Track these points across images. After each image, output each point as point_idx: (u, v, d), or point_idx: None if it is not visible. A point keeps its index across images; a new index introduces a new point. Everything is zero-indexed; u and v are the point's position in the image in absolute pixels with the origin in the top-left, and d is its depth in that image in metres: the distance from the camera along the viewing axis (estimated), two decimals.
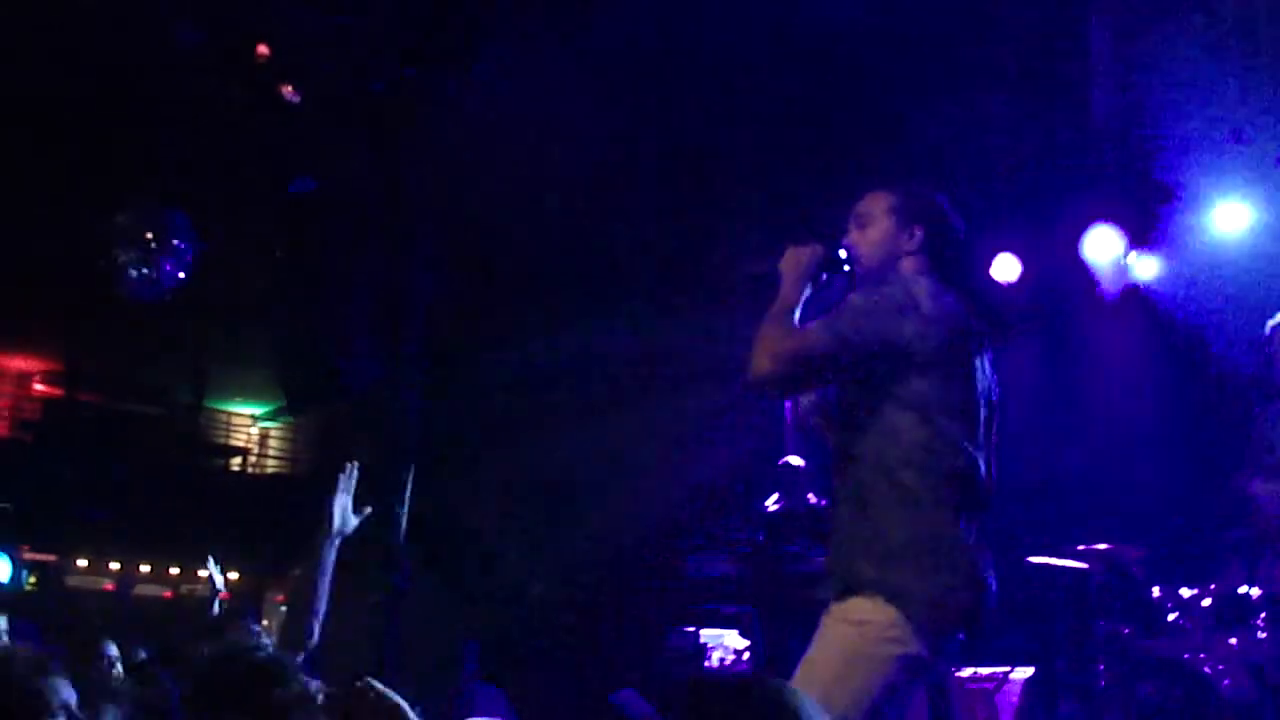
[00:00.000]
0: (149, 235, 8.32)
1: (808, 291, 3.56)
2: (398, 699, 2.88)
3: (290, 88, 7.71)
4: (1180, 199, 8.59)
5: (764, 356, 3.40)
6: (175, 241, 8.37)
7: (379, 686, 2.89)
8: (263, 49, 7.64)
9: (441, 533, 9.59)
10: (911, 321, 3.39)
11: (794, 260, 3.60)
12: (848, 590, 3.39)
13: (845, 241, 3.71)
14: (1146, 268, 9.10)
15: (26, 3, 7.79)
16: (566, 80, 8.29)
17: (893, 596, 3.28)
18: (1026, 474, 8.43)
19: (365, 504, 4.41)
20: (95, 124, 9.03)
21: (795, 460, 8.35)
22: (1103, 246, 9.20)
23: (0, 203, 11.19)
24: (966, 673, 7.63)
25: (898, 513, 3.35)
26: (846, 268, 3.68)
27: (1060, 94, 8.50)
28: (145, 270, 8.31)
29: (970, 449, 3.42)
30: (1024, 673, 7.58)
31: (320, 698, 3.04)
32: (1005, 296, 9.57)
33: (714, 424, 9.74)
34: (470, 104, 8.28)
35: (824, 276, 3.63)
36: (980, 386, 3.53)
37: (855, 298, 3.47)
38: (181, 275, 8.52)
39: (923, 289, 3.48)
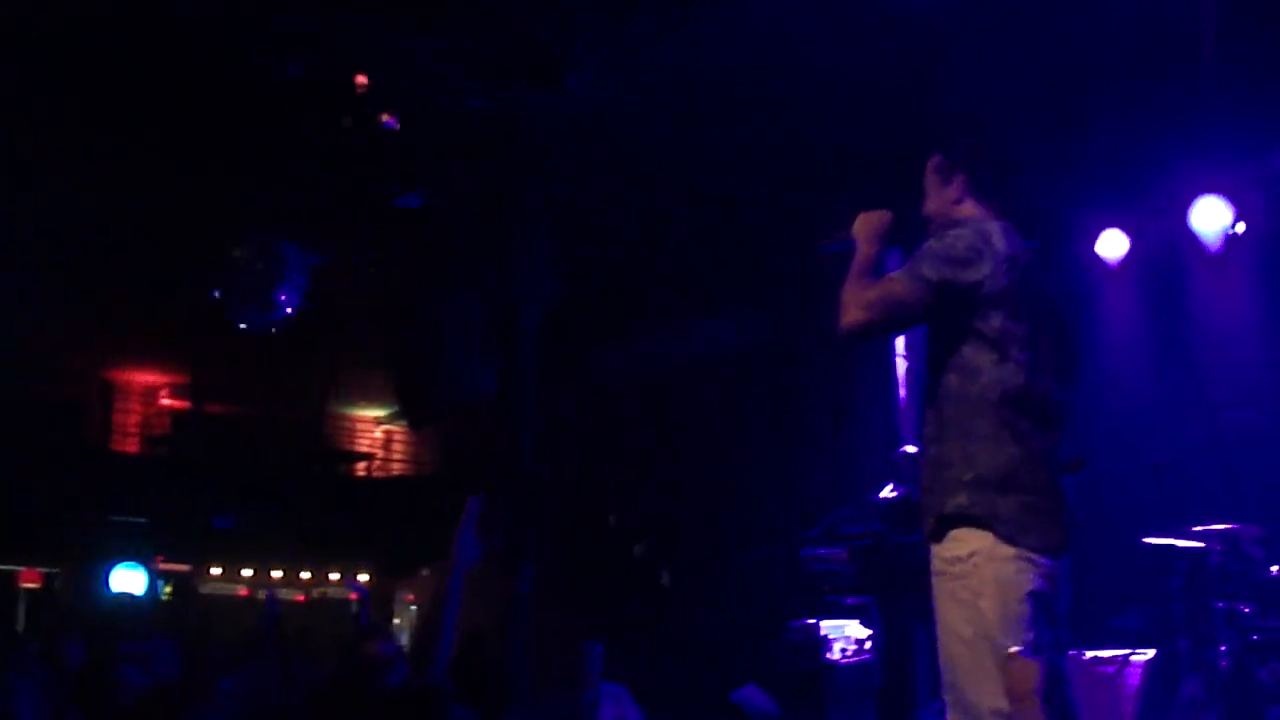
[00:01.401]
0: (261, 269, 8.60)
1: (880, 250, 3.80)
2: None
3: (389, 115, 7.94)
4: None
5: (851, 307, 3.63)
6: (286, 273, 8.65)
7: None
8: (361, 79, 7.87)
9: (565, 534, 9.78)
10: (985, 261, 3.58)
11: (865, 224, 3.84)
12: (940, 525, 3.56)
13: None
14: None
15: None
16: (667, 83, 8.40)
17: (983, 521, 3.48)
18: (1142, 454, 8.46)
19: (490, 512, 4.59)
20: (216, 154, 9.35)
21: (911, 449, 8.41)
22: (1211, 216, 9.15)
23: (124, 225, 11.63)
24: (1088, 656, 7.66)
25: (981, 444, 3.53)
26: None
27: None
28: (258, 303, 8.60)
29: (1043, 377, 3.60)
30: (1145, 655, 7.59)
31: None
32: (1112, 272, 9.57)
33: (829, 416, 9.83)
34: (573, 113, 8.43)
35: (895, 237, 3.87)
36: (1044, 312, 3.69)
37: (931, 242, 3.67)
38: (292, 306, 8.79)
39: (992, 229, 3.67)
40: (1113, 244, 9.54)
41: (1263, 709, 6.28)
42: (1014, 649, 3.40)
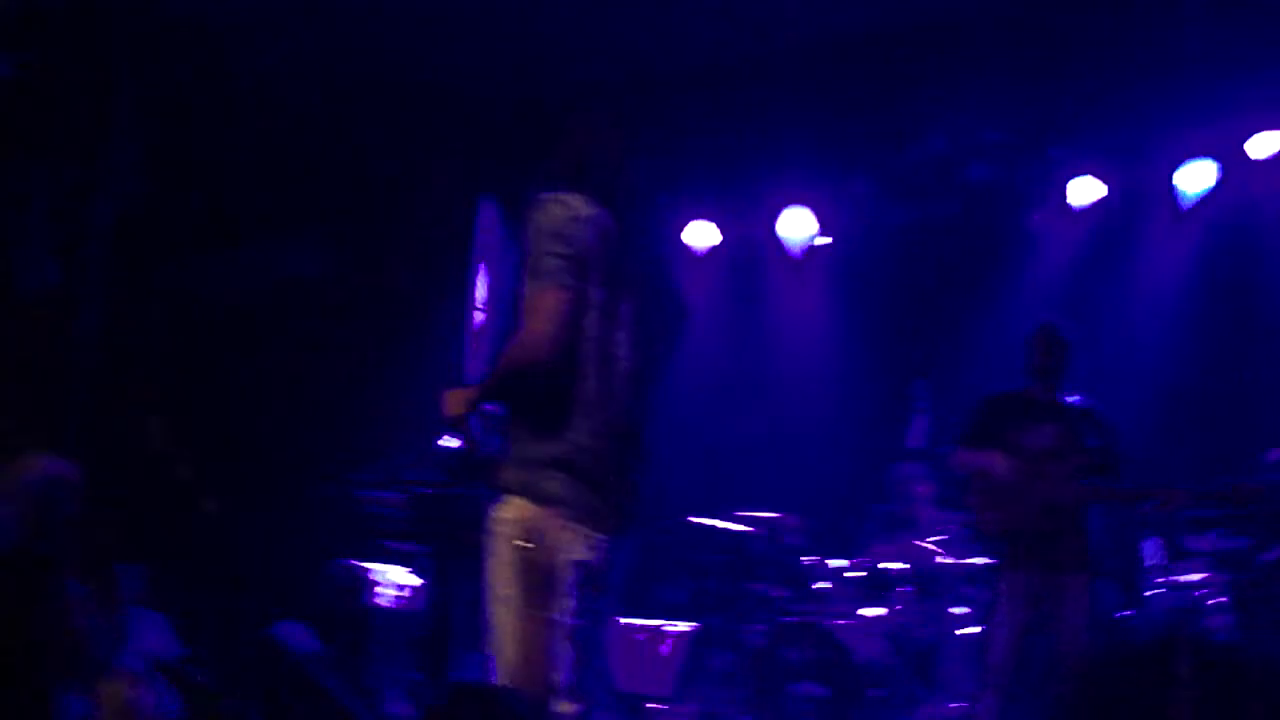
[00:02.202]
0: None
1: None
2: None
3: None
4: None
5: (530, 348, 3.48)
6: None
7: None
8: None
9: (110, 450, 9.23)
10: (577, 231, 3.56)
11: (454, 405, 3.74)
12: (498, 488, 3.58)
13: None
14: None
15: None
16: None
17: (534, 499, 3.48)
18: (699, 438, 8.80)
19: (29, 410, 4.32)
20: None
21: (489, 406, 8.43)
22: (796, 225, 9.65)
23: None
24: (627, 624, 7.91)
25: (540, 417, 3.53)
26: None
27: None
28: None
29: (619, 349, 3.61)
30: (681, 627, 7.91)
31: None
32: (698, 261, 9.91)
33: (403, 358, 9.70)
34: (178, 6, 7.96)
35: None
36: (626, 284, 3.67)
37: (530, 232, 3.58)
38: None
39: (577, 200, 3.61)
40: (702, 234, 9.86)
41: (786, 686, 6.63)
42: (545, 616, 3.46)
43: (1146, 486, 5.67)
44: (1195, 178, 8.46)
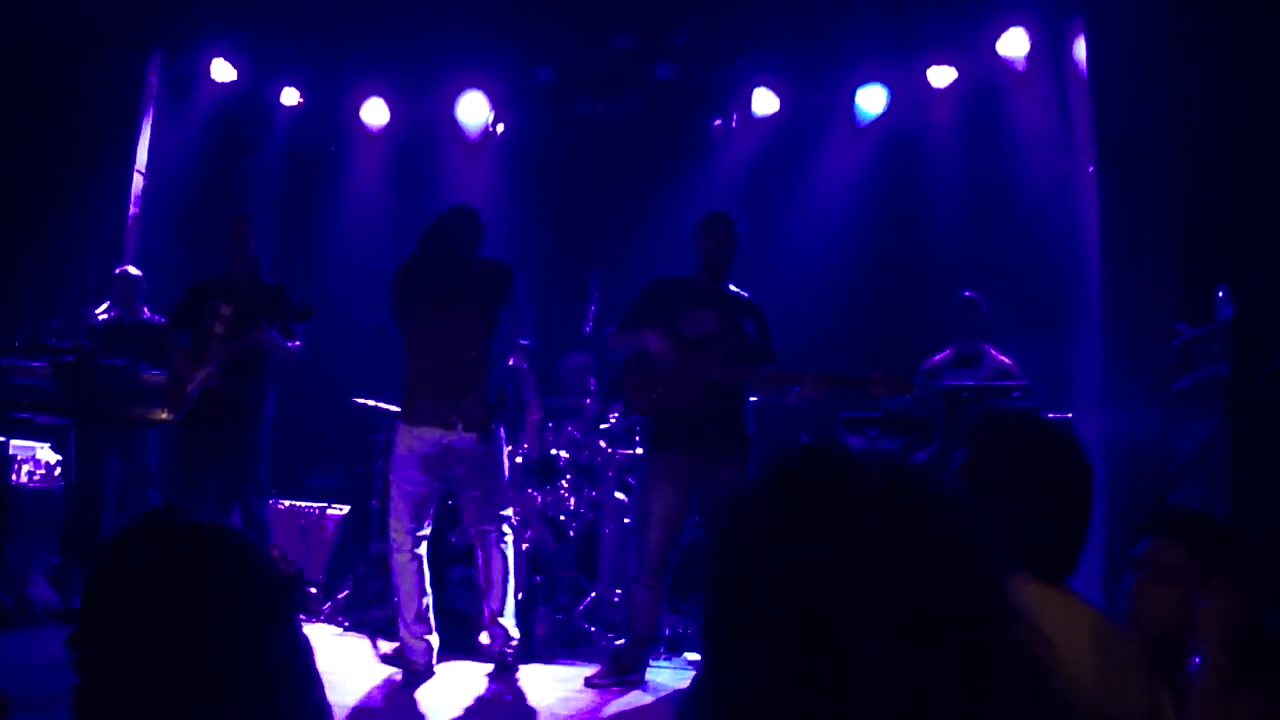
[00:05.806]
0: None
1: None
2: None
3: None
4: None
5: None
6: None
7: None
8: None
9: None
10: None
11: None
12: None
13: None
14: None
15: None
16: None
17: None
18: (366, 321, 8.60)
19: None
20: None
21: (134, 270, 8.04)
22: (473, 110, 9.53)
23: None
24: (285, 505, 7.72)
25: None
26: None
27: None
28: None
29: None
30: (339, 509, 7.76)
31: None
32: (371, 138, 9.69)
33: (57, 220, 9.08)
34: None
35: None
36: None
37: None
38: None
39: None
40: (375, 112, 9.62)
41: (448, 569, 6.61)
42: None
43: (791, 372, 5.69)
44: (871, 100, 8.88)
